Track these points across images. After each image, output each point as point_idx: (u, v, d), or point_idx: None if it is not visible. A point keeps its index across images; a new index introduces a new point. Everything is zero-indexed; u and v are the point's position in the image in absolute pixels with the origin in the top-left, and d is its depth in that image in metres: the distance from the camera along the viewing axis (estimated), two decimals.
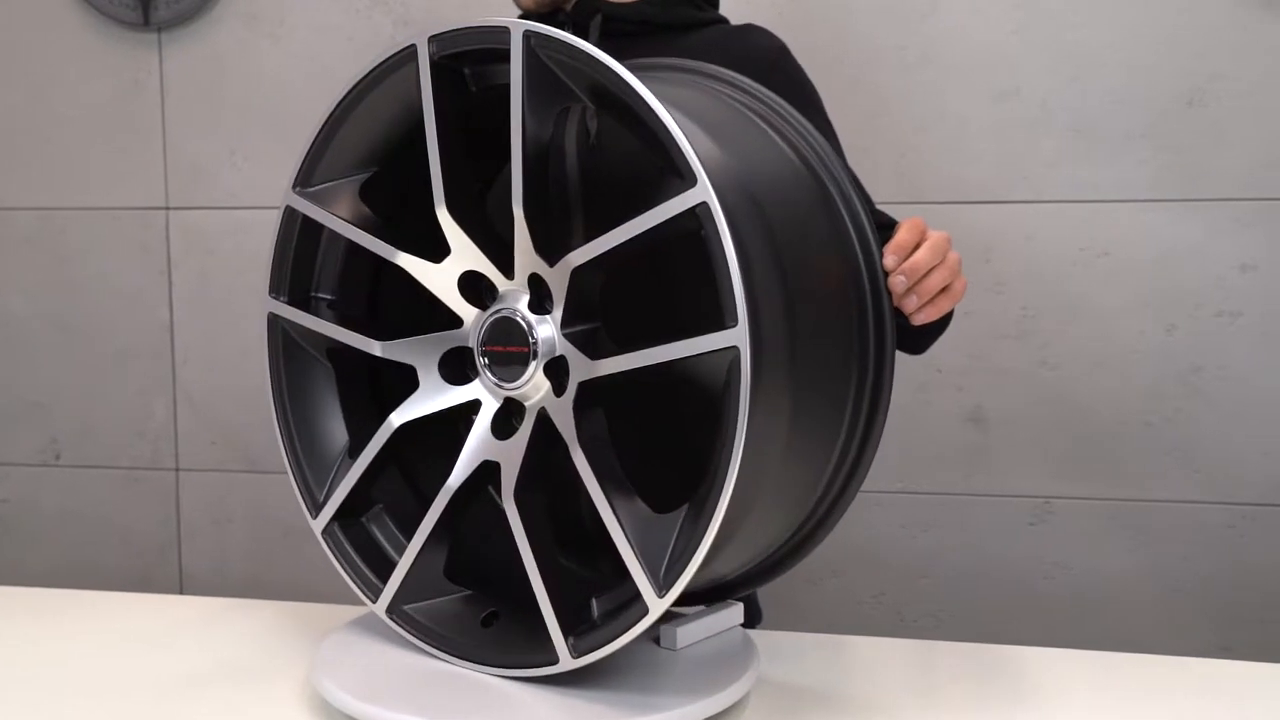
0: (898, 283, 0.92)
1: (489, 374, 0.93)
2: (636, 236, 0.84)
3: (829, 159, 0.95)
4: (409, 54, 0.92)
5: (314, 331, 1.03)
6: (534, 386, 0.92)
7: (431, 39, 0.91)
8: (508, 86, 0.89)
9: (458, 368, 0.98)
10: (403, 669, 0.95)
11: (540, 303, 0.92)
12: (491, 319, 0.93)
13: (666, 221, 0.83)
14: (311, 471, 1.03)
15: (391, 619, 0.99)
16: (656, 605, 0.84)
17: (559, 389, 0.90)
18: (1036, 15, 1.82)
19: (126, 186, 2.11)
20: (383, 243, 0.97)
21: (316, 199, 1.00)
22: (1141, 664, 1.07)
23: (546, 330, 0.91)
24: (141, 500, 2.17)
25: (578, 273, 0.88)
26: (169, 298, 2.12)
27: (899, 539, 1.94)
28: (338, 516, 1.02)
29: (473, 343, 0.94)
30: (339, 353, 1.05)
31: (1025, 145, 1.85)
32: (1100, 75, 1.81)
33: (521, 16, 1.29)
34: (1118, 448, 1.87)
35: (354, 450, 1.02)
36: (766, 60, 1.24)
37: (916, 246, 0.95)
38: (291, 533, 2.11)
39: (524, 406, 0.93)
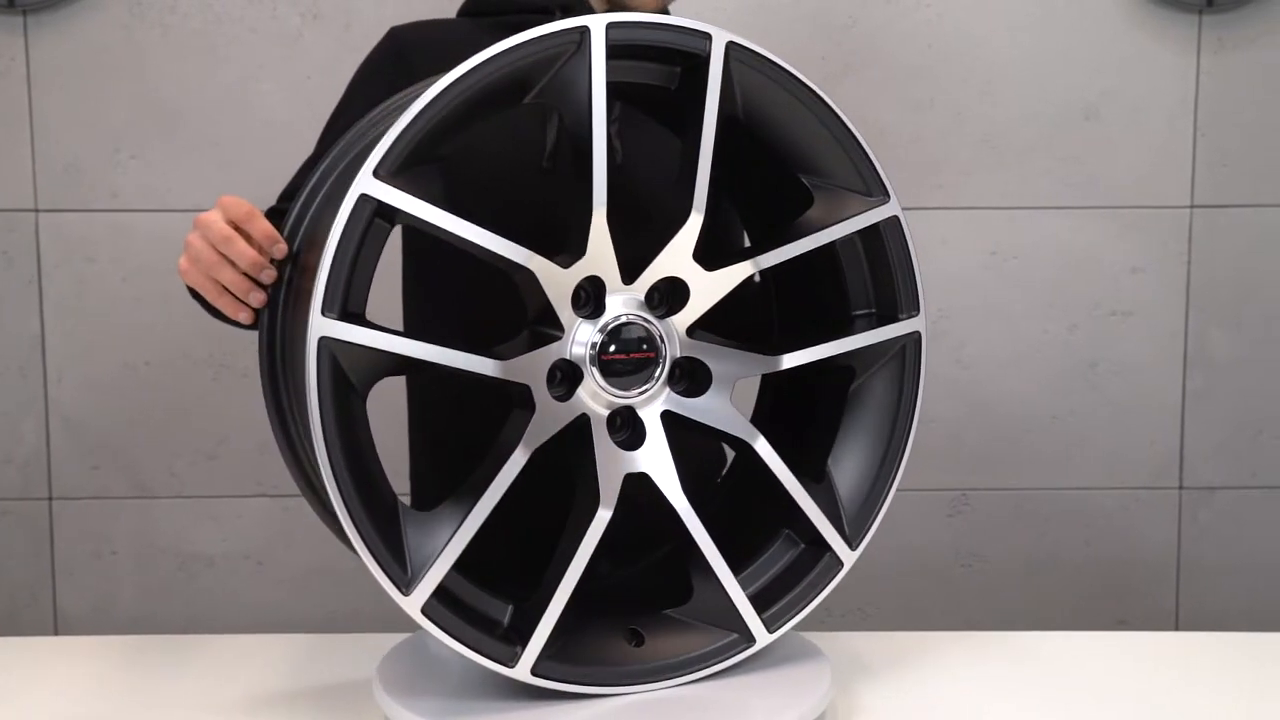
0: None
1: (603, 382, 0.89)
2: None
3: None
4: (571, 37, 0.84)
5: (378, 357, 0.82)
6: (653, 393, 0.91)
7: (610, 26, 0.84)
8: (628, 85, 0.86)
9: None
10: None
11: (663, 307, 0.91)
12: (613, 325, 0.89)
13: None
14: (385, 538, 0.83)
15: (539, 678, 0.87)
16: (849, 557, 0.96)
17: (689, 390, 0.92)
18: (948, 31, 1.92)
19: None
20: (519, 247, 0.84)
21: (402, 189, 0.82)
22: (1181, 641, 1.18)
23: (671, 333, 0.91)
24: (8, 534, 1.94)
25: (750, 278, 0.92)
26: (39, 309, 1.91)
27: None
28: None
29: (581, 353, 0.89)
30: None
31: (940, 154, 1.94)
32: (1007, 89, 1.93)
33: (464, 11, 1.24)
34: (1026, 440, 1.99)
35: (420, 502, 0.92)
36: None
37: None
38: (189, 563, 1.94)
39: (634, 413, 0.91)
